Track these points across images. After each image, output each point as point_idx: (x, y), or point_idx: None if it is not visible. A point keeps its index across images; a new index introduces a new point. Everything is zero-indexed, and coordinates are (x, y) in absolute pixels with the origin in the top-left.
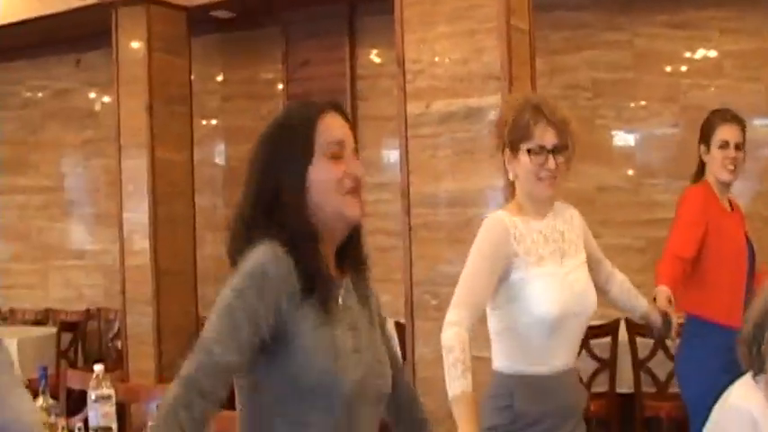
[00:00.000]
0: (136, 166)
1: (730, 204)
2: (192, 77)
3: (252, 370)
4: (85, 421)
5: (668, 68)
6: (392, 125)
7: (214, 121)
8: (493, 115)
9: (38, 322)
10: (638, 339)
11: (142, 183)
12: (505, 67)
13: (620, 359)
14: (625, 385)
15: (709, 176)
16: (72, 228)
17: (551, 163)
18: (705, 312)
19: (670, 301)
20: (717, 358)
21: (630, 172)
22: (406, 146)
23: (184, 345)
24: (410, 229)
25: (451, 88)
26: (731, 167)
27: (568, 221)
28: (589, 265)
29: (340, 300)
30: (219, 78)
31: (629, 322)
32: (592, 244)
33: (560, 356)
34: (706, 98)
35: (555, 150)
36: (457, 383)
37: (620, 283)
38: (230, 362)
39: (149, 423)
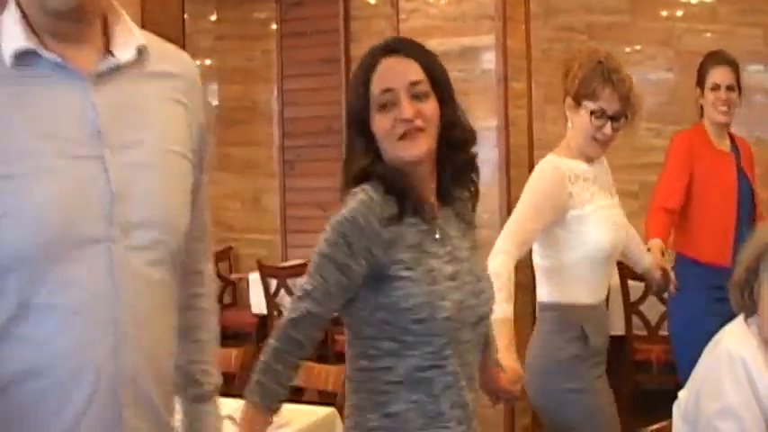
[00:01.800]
0: None
1: (734, 144)
2: (185, 17)
3: (354, 306)
4: None
5: (664, 13)
6: None
7: (207, 61)
8: (487, 55)
9: None
10: (630, 282)
11: None
12: (499, 8)
13: (612, 302)
14: (616, 328)
15: (705, 119)
16: None
17: (609, 128)
18: (690, 251)
19: (663, 254)
20: (700, 295)
21: None
22: None
23: None
24: None
25: (445, 28)
26: (723, 109)
27: (606, 169)
28: None
29: (437, 232)
30: (213, 18)
31: (620, 265)
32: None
33: (605, 287)
34: (701, 43)
35: (615, 117)
36: (499, 308)
37: (633, 235)
38: (320, 313)
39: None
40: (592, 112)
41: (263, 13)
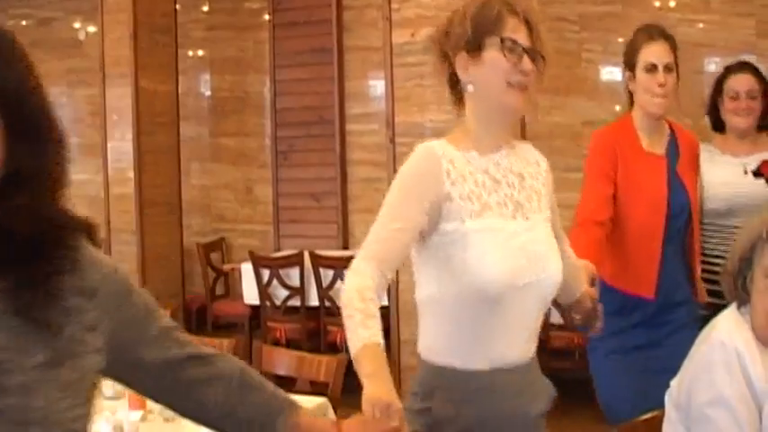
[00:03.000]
0: (120, 96)
1: (674, 139)
2: (178, 7)
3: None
4: None
5: (657, 3)
6: (378, 56)
7: (200, 52)
8: None
9: None
10: None
11: (126, 113)
12: None
13: None
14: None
15: (636, 109)
16: None
17: (527, 63)
18: (606, 277)
19: (594, 281)
20: (616, 323)
21: (617, 107)
22: (392, 75)
23: (169, 274)
24: (395, 158)
25: (437, 17)
26: (660, 95)
27: (533, 165)
28: None
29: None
30: (205, 8)
31: None
32: (554, 210)
33: (505, 345)
34: (694, 33)
35: (529, 52)
36: (356, 337)
37: (571, 264)
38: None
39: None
40: (502, 42)
41: (255, 3)
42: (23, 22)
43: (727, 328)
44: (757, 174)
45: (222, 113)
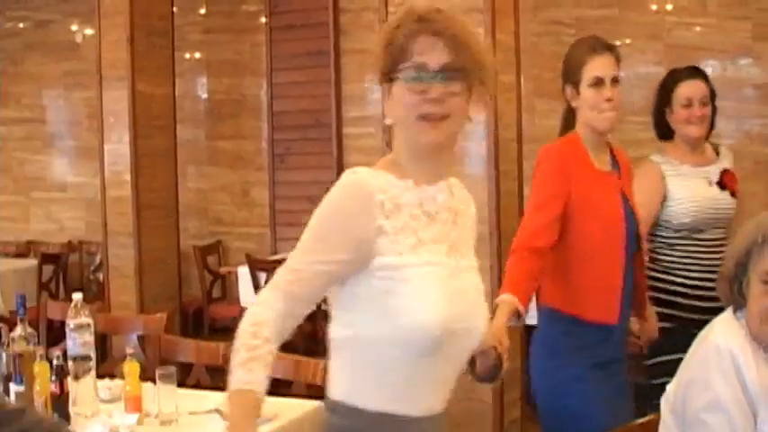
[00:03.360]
0: (117, 99)
1: (614, 159)
2: (175, 10)
3: None
4: (64, 351)
5: (653, 6)
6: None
7: (197, 55)
8: None
9: (19, 255)
10: None
11: (123, 115)
12: (488, 1)
13: None
14: None
15: (581, 127)
16: (53, 160)
17: (436, 89)
18: (563, 306)
19: (518, 315)
20: (577, 358)
21: None
22: None
23: (165, 277)
24: None
25: None
26: (609, 109)
27: (465, 203)
28: None
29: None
30: (202, 11)
31: None
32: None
33: (427, 394)
34: (691, 37)
35: (443, 72)
36: (234, 377)
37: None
38: None
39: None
40: (404, 73)
41: (252, 6)
42: (20, 25)
43: (723, 332)
44: (722, 185)
45: (219, 116)
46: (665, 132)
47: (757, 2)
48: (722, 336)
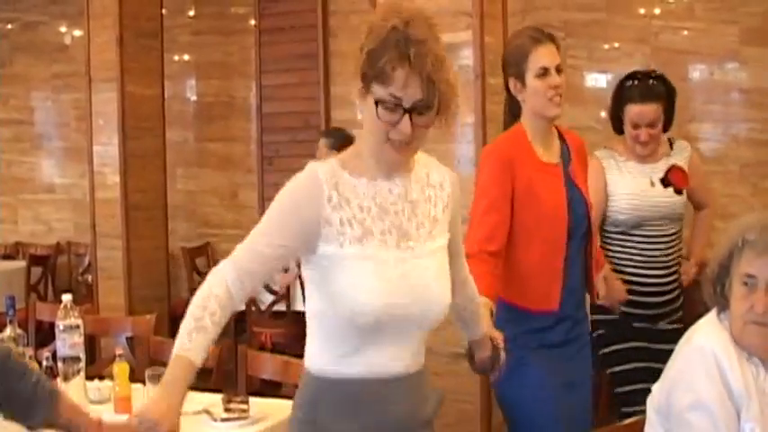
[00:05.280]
0: (106, 101)
1: (566, 145)
2: (164, 12)
3: None
4: (54, 353)
5: (641, 10)
6: None
7: (186, 56)
8: (464, 51)
9: (7, 256)
10: None
11: (112, 117)
12: (476, 4)
13: None
14: None
15: (527, 118)
16: (42, 161)
17: (406, 126)
18: (507, 295)
19: (492, 314)
20: (522, 341)
21: (603, 113)
22: None
23: (154, 279)
24: None
25: None
26: (557, 99)
27: (435, 189)
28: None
29: None
30: (191, 13)
31: None
32: (456, 230)
33: (388, 357)
34: (678, 41)
35: (415, 109)
36: (178, 342)
37: (470, 295)
38: None
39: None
40: (378, 102)
41: (241, 8)
42: (9, 26)
43: (707, 333)
44: (666, 182)
45: (208, 118)
46: (619, 126)
47: (745, 6)
48: (706, 337)
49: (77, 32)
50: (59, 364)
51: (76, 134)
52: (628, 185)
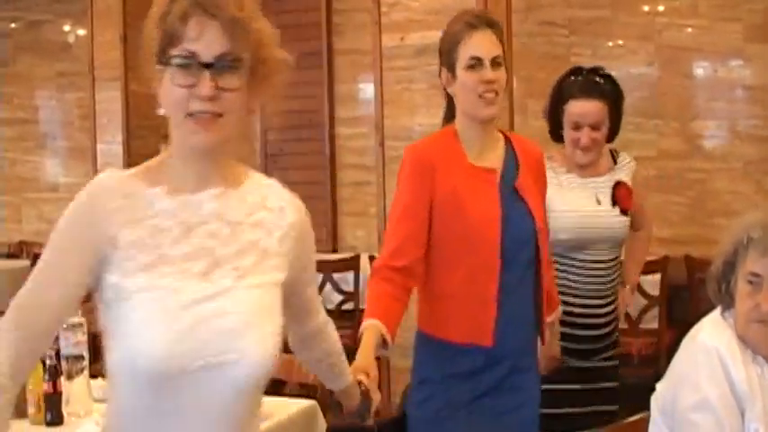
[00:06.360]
0: (110, 100)
1: (513, 152)
2: None
3: None
4: (57, 351)
5: (645, 7)
6: (368, 59)
7: None
8: None
9: (11, 255)
10: None
11: (116, 116)
12: (480, 2)
13: None
14: None
15: (459, 116)
16: (46, 160)
17: (205, 86)
18: (429, 327)
19: (384, 343)
20: (441, 386)
21: None
22: (381, 78)
23: None
24: (384, 162)
25: (426, 21)
26: (490, 96)
27: (269, 212)
28: (288, 305)
29: None
30: None
31: None
32: (306, 275)
33: None
34: (682, 38)
35: (217, 65)
36: None
37: (326, 349)
38: None
39: None
40: (175, 63)
41: None
42: (12, 25)
43: (711, 331)
44: (614, 202)
45: None
46: (559, 133)
47: (748, 3)
48: (710, 335)
49: (81, 31)
50: (63, 363)
51: (80, 133)
52: (571, 202)
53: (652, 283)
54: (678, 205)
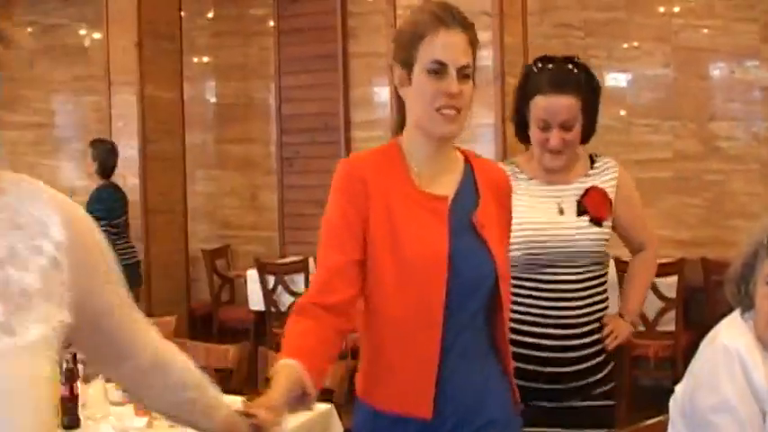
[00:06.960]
0: (125, 104)
1: (472, 178)
2: (183, 14)
3: None
4: (74, 355)
5: (661, 9)
6: (383, 62)
7: (205, 59)
8: (484, 51)
9: None
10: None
11: (132, 120)
12: (496, 4)
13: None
14: None
15: (409, 128)
16: (62, 164)
17: None
18: (363, 393)
19: (306, 394)
20: None
21: (622, 112)
22: None
23: (174, 281)
24: None
25: None
26: (450, 113)
27: (28, 231)
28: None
29: None
30: (210, 15)
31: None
32: (102, 301)
33: None
34: (698, 39)
35: None
36: None
37: (183, 382)
38: None
39: None
40: None
41: (260, 9)
42: (29, 29)
43: (730, 333)
44: (580, 209)
45: (227, 120)
46: (526, 133)
47: (765, 4)
48: (729, 337)
49: (97, 35)
50: (80, 366)
51: (96, 137)
52: (524, 213)
53: (669, 285)
54: (695, 207)
